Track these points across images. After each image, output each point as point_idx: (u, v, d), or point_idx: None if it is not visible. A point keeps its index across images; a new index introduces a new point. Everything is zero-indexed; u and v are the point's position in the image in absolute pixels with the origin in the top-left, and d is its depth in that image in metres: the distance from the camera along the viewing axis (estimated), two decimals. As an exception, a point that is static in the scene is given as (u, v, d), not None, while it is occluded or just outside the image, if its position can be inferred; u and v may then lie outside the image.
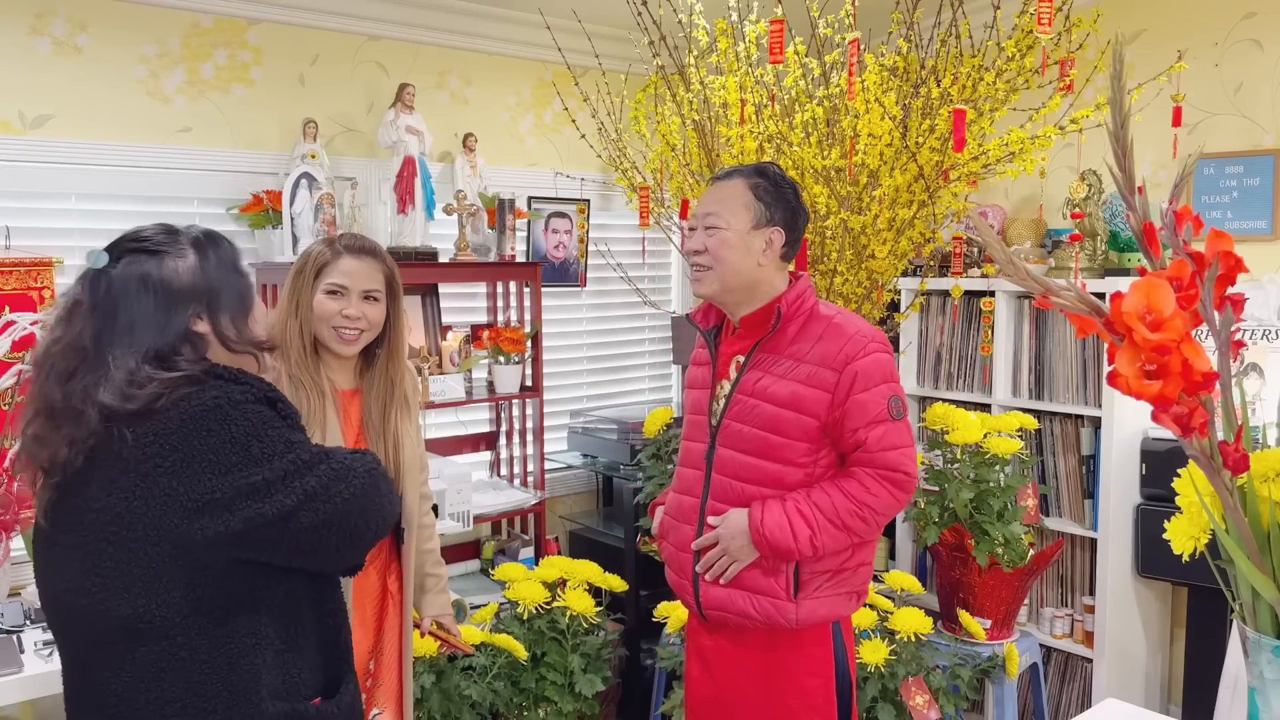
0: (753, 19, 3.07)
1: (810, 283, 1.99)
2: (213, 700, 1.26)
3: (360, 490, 1.34)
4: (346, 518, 1.32)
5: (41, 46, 2.74)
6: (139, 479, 1.23)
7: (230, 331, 1.35)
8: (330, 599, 1.44)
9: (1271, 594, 1.02)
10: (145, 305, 1.29)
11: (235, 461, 1.24)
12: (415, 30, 3.37)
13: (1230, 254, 0.98)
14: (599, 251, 3.94)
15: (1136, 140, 1.05)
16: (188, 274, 1.32)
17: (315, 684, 1.38)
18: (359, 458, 1.38)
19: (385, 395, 2.02)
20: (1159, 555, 3.03)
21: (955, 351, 3.56)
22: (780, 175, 1.97)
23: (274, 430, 1.29)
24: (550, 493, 3.72)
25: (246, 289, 1.40)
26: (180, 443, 1.23)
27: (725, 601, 1.95)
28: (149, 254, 1.32)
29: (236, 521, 1.23)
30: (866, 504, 1.85)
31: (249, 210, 3.00)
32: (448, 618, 2.25)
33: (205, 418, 1.25)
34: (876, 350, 1.88)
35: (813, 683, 1.94)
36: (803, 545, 1.84)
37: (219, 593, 1.27)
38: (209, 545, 1.24)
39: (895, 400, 1.88)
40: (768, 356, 1.93)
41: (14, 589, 2.52)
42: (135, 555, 1.23)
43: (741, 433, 1.93)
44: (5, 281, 2.63)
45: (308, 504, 1.27)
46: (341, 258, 1.95)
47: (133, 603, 1.24)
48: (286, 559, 1.31)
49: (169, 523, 1.22)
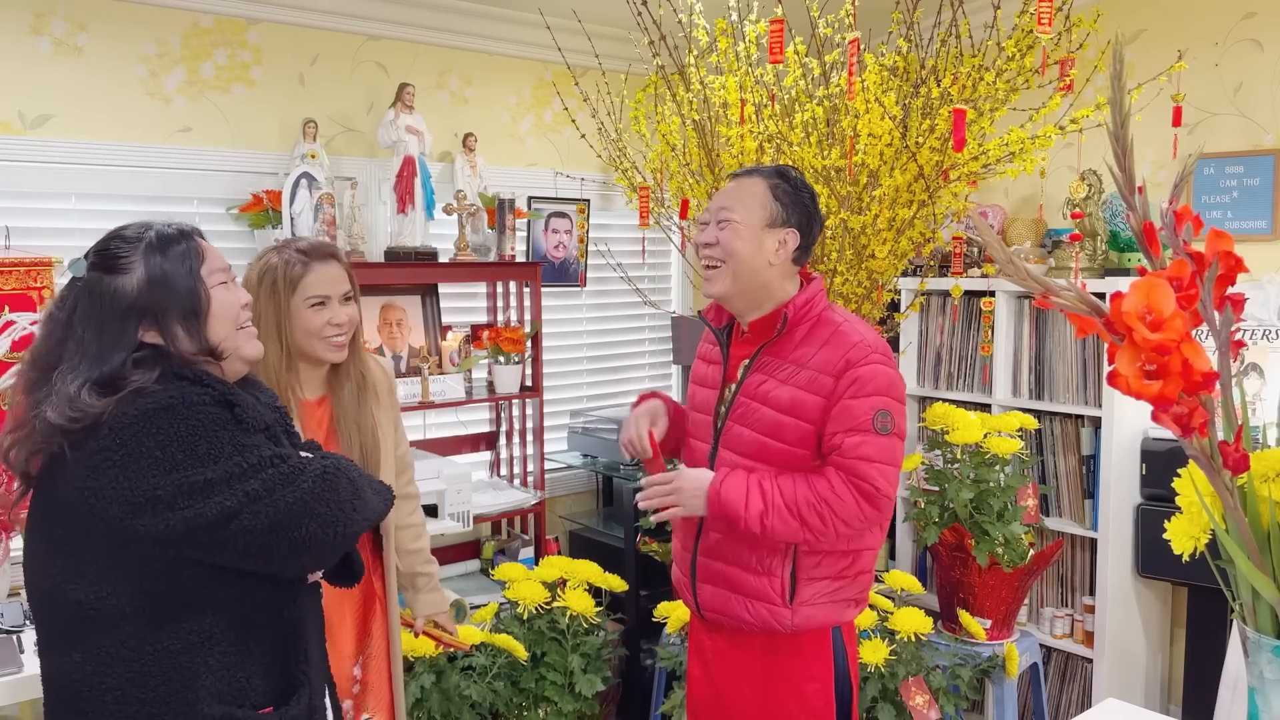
0: (753, 19, 3.07)
1: (822, 287, 1.97)
2: (151, 693, 1.27)
3: (308, 493, 1.31)
4: (294, 521, 1.29)
5: (41, 46, 2.74)
6: (89, 472, 1.24)
7: (185, 344, 1.34)
8: (290, 605, 1.41)
9: (1271, 594, 1.02)
10: (94, 322, 1.30)
11: (180, 460, 1.24)
12: (415, 30, 3.37)
13: (1230, 254, 0.98)
14: (599, 251, 3.94)
15: (1136, 140, 1.05)
16: (134, 288, 1.32)
17: (266, 691, 1.36)
18: (315, 461, 1.36)
19: (358, 392, 2.02)
20: (1159, 555, 3.03)
21: (955, 351, 3.56)
22: (801, 180, 1.95)
23: (225, 432, 1.28)
24: (550, 493, 3.72)
25: (195, 298, 1.36)
26: (129, 438, 1.24)
27: (721, 605, 1.95)
28: (105, 268, 1.34)
29: (177, 520, 1.23)
30: (827, 502, 1.79)
31: (249, 210, 3.00)
32: (442, 616, 2.24)
33: (157, 416, 1.25)
34: (878, 361, 1.84)
35: (811, 686, 1.93)
36: (751, 518, 1.80)
37: (166, 588, 1.27)
38: (153, 542, 1.24)
39: (883, 414, 1.81)
40: (772, 360, 1.91)
41: (14, 589, 2.52)
42: (88, 543, 1.26)
43: (743, 435, 1.92)
44: (5, 281, 2.63)
45: (249, 506, 1.25)
46: (313, 268, 1.92)
47: (85, 589, 1.26)
48: (236, 562, 1.29)
49: (114, 516, 1.24)
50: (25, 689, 2.13)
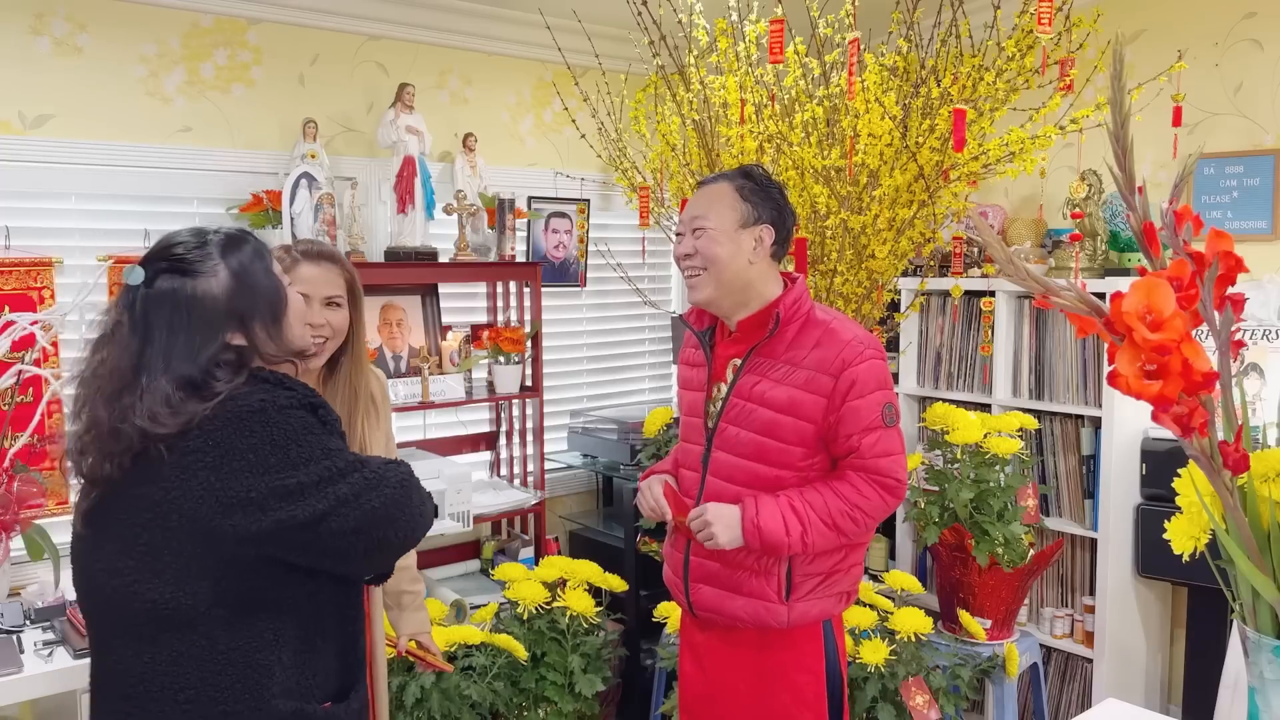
0: (753, 19, 3.07)
1: (805, 286, 2.00)
2: (225, 692, 1.29)
3: (390, 499, 1.35)
4: (375, 525, 1.33)
5: (41, 46, 2.74)
6: (179, 471, 1.26)
7: (268, 346, 1.37)
8: (352, 605, 1.47)
9: (1271, 594, 1.02)
10: (179, 328, 1.31)
11: (273, 463, 1.27)
12: (415, 30, 3.37)
13: (1230, 254, 0.98)
14: (599, 251, 3.94)
15: (1136, 140, 1.05)
16: (221, 293, 1.34)
17: (328, 688, 1.40)
18: (393, 467, 1.41)
19: (350, 403, 1.98)
20: (1159, 555, 3.03)
21: (955, 351, 3.56)
22: (765, 176, 1.98)
23: (313, 436, 1.32)
24: (550, 493, 3.71)
25: (278, 296, 1.41)
26: (222, 440, 1.27)
27: (715, 603, 1.96)
28: (181, 273, 1.34)
29: (268, 521, 1.26)
30: (858, 506, 1.87)
31: (249, 210, 3.00)
32: (425, 635, 2.21)
33: (249, 419, 1.28)
34: (872, 357, 1.89)
35: (804, 679, 1.96)
36: (794, 541, 1.84)
37: (244, 588, 1.30)
38: (239, 542, 1.27)
39: (889, 408, 1.90)
40: (764, 360, 1.93)
41: (14, 589, 2.52)
42: (168, 543, 1.27)
43: (738, 436, 1.93)
44: (5, 281, 2.63)
45: (338, 510, 1.29)
46: (299, 265, 1.90)
47: (161, 589, 1.27)
48: (314, 562, 1.33)
49: (203, 516, 1.26)
50: (25, 689, 2.13)
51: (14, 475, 2.41)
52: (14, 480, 2.40)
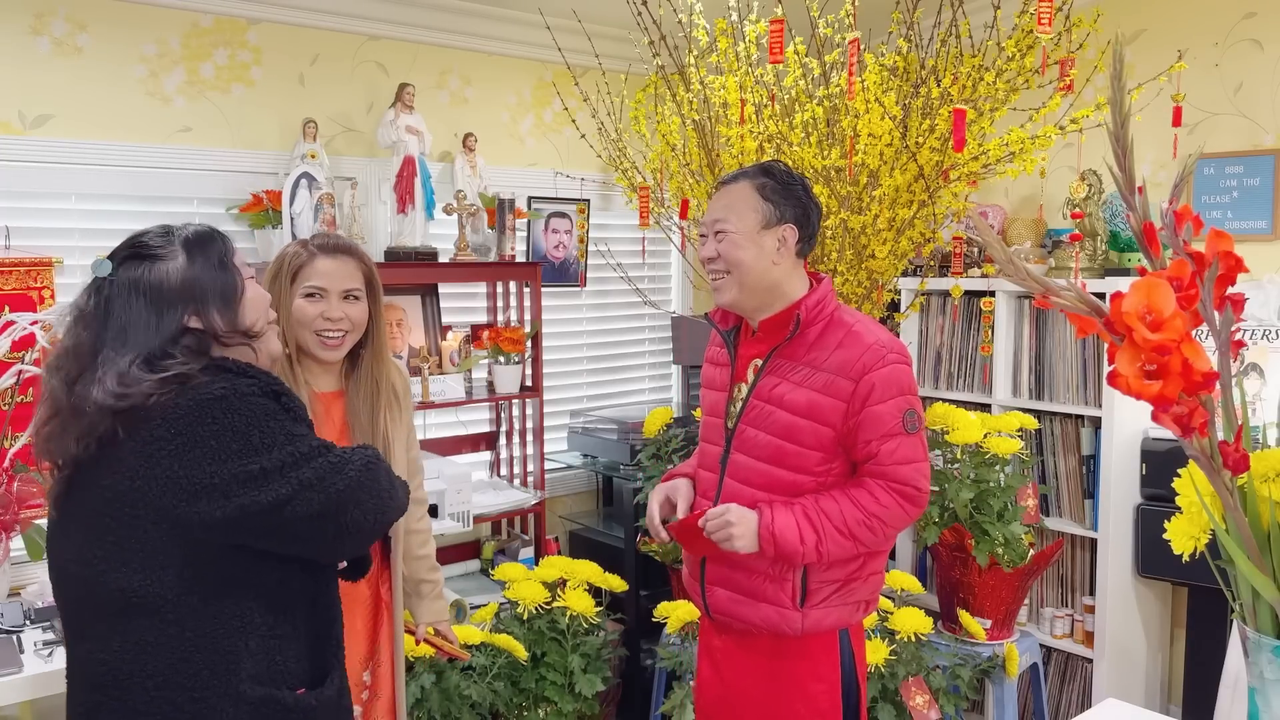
0: (753, 19, 3.07)
1: (832, 286, 1.95)
2: (193, 678, 1.31)
3: (355, 482, 1.36)
4: (340, 509, 1.35)
5: (41, 46, 2.74)
6: (142, 460, 1.28)
7: (219, 325, 1.39)
8: (325, 592, 1.48)
9: (1271, 594, 1.02)
10: (137, 308, 1.35)
11: (235, 450, 1.29)
12: (415, 30, 3.37)
13: (1230, 254, 0.98)
14: (599, 251, 3.94)
15: (1136, 140, 1.05)
16: (177, 276, 1.37)
17: (301, 674, 1.41)
18: (357, 451, 1.42)
19: (372, 396, 1.98)
20: (1159, 555, 3.03)
21: (955, 351, 3.56)
22: (787, 172, 1.94)
23: (275, 422, 1.33)
24: (550, 493, 3.71)
25: (233, 281, 1.43)
26: (184, 428, 1.28)
27: (730, 607, 1.94)
28: (142, 259, 1.38)
29: (232, 507, 1.28)
30: (876, 515, 1.82)
31: (249, 210, 3.00)
32: (444, 624, 2.22)
33: (210, 406, 1.30)
34: (895, 361, 1.84)
35: (818, 688, 1.92)
36: (808, 550, 1.80)
37: (212, 574, 1.32)
38: (206, 528, 1.28)
39: (911, 414, 1.83)
40: (785, 362, 1.89)
41: (14, 589, 2.52)
42: (135, 532, 1.29)
43: (757, 439, 1.90)
44: (5, 281, 2.63)
45: (301, 494, 1.30)
46: (317, 258, 1.90)
47: (129, 577, 1.29)
48: (282, 547, 1.35)
49: (168, 504, 1.28)
50: (25, 689, 2.13)
51: (14, 475, 2.41)
52: (14, 480, 2.40)
